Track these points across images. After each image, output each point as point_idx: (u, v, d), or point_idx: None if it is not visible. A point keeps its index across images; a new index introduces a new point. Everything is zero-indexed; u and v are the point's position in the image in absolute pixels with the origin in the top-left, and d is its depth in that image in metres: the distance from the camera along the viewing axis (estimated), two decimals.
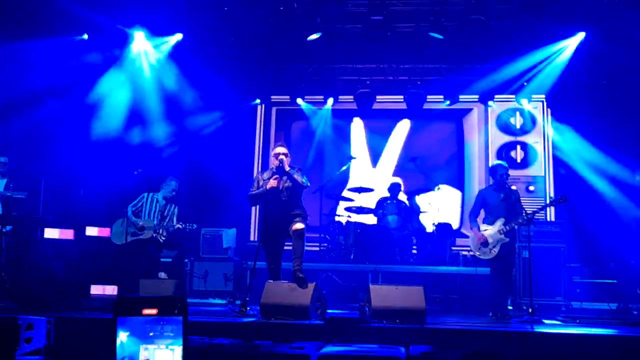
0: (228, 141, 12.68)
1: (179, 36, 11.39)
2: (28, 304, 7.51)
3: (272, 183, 7.48)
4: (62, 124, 11.04)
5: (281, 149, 7.73)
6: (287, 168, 7.59)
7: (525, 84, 12.21)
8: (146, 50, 11.58)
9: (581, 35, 10.88)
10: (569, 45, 11.16)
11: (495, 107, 12.86)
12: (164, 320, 4.66)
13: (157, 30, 11.21)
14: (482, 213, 8.64)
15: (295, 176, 7.56)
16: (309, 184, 7.71)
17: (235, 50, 11.83)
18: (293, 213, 7.51)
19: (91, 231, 10.43)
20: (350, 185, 11.87)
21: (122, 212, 9.41)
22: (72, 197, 11.03)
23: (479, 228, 8.43)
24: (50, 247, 9.54)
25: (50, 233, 9.58)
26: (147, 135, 11.88)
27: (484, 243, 8.30)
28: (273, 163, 7.74)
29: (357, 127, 13.54)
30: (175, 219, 9.45)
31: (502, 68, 11.76)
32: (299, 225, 7.39)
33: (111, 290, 9.64)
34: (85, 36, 10.99)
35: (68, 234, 9.89)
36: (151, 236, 9.19)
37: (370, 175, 13.11)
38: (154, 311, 4.65)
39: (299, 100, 13.24)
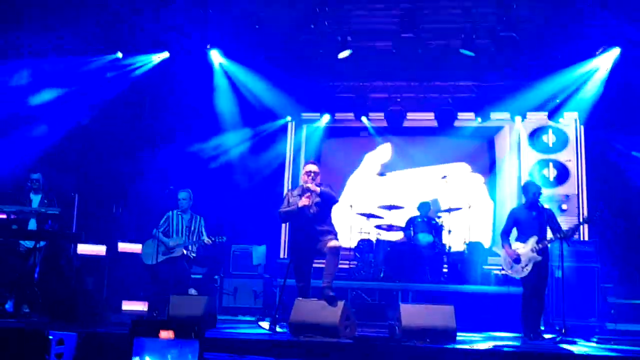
0: (259, 158, 12.74)
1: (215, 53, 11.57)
2: (60, 318, 7.60)
3: (304, 201, 7.46)
4: (102, 139, 11.25)
5: (312, 167, 7.71)
6: (318, 189, 7.54)
7: (557, 101, 12.08)
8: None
9: (615, 53, 10.74)
10: (603, 63, 11.02)
11: (527, 124, 12.75)
12: (181, 343, 4.64)
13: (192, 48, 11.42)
14: (515, 232, 8.54)
15: (325, 189, 7.52)
16: (337, 198, 7.69)
17: (266, 68, 11.92)
18: (322, 230, 7.47)
19: (123, 247, 10.52)
20: (380, 202, 11.83)
21: (154, 229, 9.49)
22: (105, 213, 11.16)
23: (510, 246, 8.33)
24: (83, 262, 9.64)
25: (83, 249, 9.68)
26: (181, 150, 12.01)
27: (516, 260, 8.19)
28: (303, 180, 7.71)
29: (388, 144, 13.51)
30: (203, 231, 9.50)
31: (534, 85, 11.67)
32: (335, 243, 7.35)
33: (142, 306, 9.69)
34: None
35: (100, 250, 9.98)
36: (182, 254, 9.24)
37: (401, 192, 13.04)
38: (170, 334, 4.64)
39: (328, 117, 13.26)
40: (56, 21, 10.07)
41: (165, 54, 11.58)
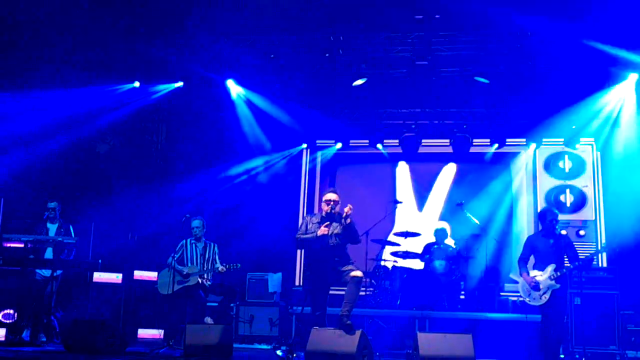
0: (273, 185, 12.77)
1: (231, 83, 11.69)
2: (76, 347, 7.60)
3: (324, 230, 7.42)
4: (119, 167, 11.35)
5: (332, 195, 7.64)
6: (349, 220, 7.39)
7: (573, 127, 12.05)
8: None
9: (632, 79, 10.72)
10: (619, 89, 11.00)
11: (543, 150, 12.71)
12: None
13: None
14: (532, 259, 8.47)
15: (354, 229, 7.48)
16: (360, 240, 7.70)
17: (282, 95, 12.01)
18: (340, 260, 7.44)
19: (139, 275, 10.54)
20: (396, 229, 11.78)
21: (170, 258, 9.50)
22: (121, 242, 11.21)
23: (528, 274, 8.26)
24: (99, 291, 9.66)
25: (99, 277, 9.71)
26: (196, 179, 12.06)
27: (535, 287, 8.11)
28: (324, 209, 7.66)
29: (403, 171, 13.49)
30: (217, 258, 9.50)
31: (550, 111, 11.64)
32: (358, 273, 7.33)
33: (157, 334, 9.67)
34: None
35: (116, 278, 10.00)
36: (197, 282, 9.23)
37: (417, 219, 13.00)
38: None
39: (343, 144, 13.31)
40: (74, 52, 10.23)
41: (180, 84, 11.70)
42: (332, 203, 7.54)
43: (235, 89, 12.00)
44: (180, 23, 10.17)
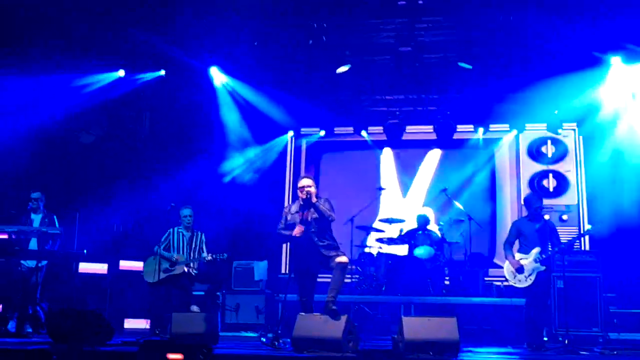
0: (259, 173, 12.78)
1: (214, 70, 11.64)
2: (63, 338, 7.59)
3: (297, 231, 7.40)
4: (103, 157, 11.29)
5: (306, 181, 7.58)
6: (315, 200, 7.51)
7: (556, 112, 12.13)
8: None
9: (615, 63, 10.78)
10: (602, 74, 11.07)
11: (526, 135, 12.80)
12: None
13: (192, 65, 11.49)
14: (517, 244, 8.56)
15: (322, 208, 7.48)
16: (334, 217, 7.51)
17: (265, 83, 11.98)
18: (323, 244, 7.45)
19: (125, 265, 10.52)
20: (380, 216, 11.84)
21: (155, 246, 9.49)
22: (107, 232, 11.18)
23: (514, 257, 8.34)
24: (85, 281, 9.64)
25: (85, 267, 9.68)
26: (181, 167, 12.02)
27: (520, 270, 8.20)
28: (299, 196, 7.67)
29: (387, 157, 13.54)
30: (204, 247, 9.49)
31: (533, 96, 11.70)
32: (343, 259, 7.33)
33: (144, 324, 9.68)
34: None
35: (102, 268, 9.98)
36: (183, 271, 9.23)
37: (401, 205, 13.06)
38: (179, 356, 4.62)
39: (325, 132, 13.32)
40: (55, 37, 10.13)
41: (162, 72, 11.63)
42: (306, 189, 7.51)
43: (218, 77, 11.95)
44: (162, 9, 10.07)
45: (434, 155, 13.34)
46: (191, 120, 12.28)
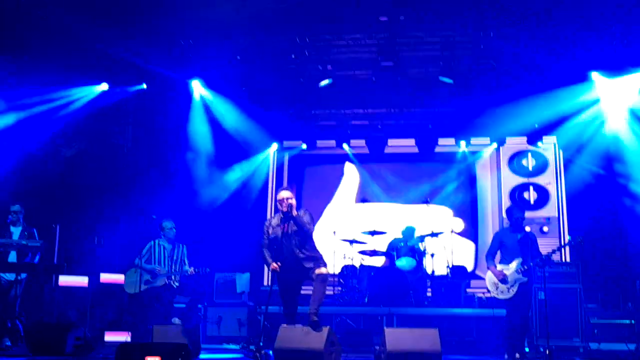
0: (241, 185, 12.77)
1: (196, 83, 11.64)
2: (42, 351, 7.52)
3: (272, 267, 7.39)
4: (84, 169, 11.23)
5: (285, 193, 7.56)
6: (295, 212, 7.53)
7: (536, 125, 12.26)
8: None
9: (595, 77, 10.91)
10: (582, 88, 11.20)
11: (507, 148, 12.92)
12: None
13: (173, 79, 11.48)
14: (498, 255, 8.60)
15: (300, 220, 7.47)
16: (312, 228, 7.49)
17: (248, 97, 12.00)
18: (305, 256, 7.44)
19: (106, 278, 10.44)
20: (363, 228, 11.86)
21: (136, 258, 9.44)
22: (87, 245, 11.10)
23: (496, 267, 8.38)
24: (65, 294, 9.56)
25: (65, 280, 9.60)
26: (163, 180, 11.98)
27: (502, 281, 8.23)
28: (279, 208, 7.66)
29: (369, 170, 13.59)
30: (186, 260, 9.46)
31: (513, 110, 11.82)
32: (323, 270, 7.32)
33: (125, 337, 9.60)
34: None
35: (82, 281, 9.90)
36: (165, 283, 9.19)
37: (383, 218, 13.09)
38: (157, 359, 4.60)
39: (310, 145, 13.36)
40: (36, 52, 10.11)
41: (144, 86, 11.61)
42: (286, 201, 7.52)
43: (200, 91, 11.96)
44: (145, 23, 10.08)
45: (416, 168, 13.40)
46: (173, 134, 12.24)
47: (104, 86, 11.38)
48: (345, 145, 13.33)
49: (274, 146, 13.60)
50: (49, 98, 10.80)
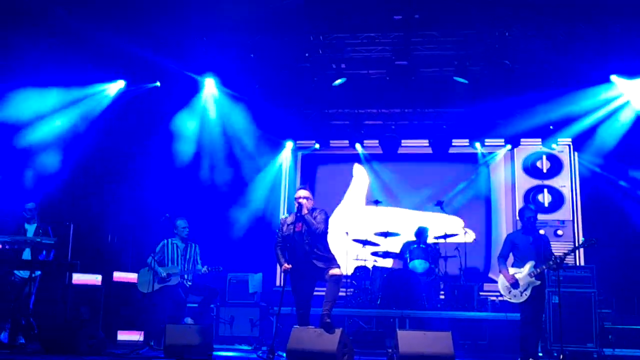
0: (254, 185, 12.76)
1: (210, 81, 11.62)
2: (56, 349, 7.55)
3: (284, 268, 7.44)
4: (96, 168, 11.25)
5: (301, 193, 7.61)
6: (305, 211, 7.50)
7: (551, 127, 12.18)
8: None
9: (613, 78, 10.82)
10: (599, 90, 11.11)
11: (522, 150, 12.85)
12: None
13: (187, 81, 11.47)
14: (511, 257, 8.54)
15: (309, 219, 7.47)
16: (321, 227, 7.45)
17: (262, 96, 11.98)
18: (317, 256, 7.42)
19: (119, 276, 10.47)
20: (376, 229, 11.83)
21: (149, 257, 9.45)
22: (101, 243, 11.13)
23: (508, 271, 8.32)
24: (79, 292, 9.58)
25: (79, 278, 9.63)
26: (176, 179, 11.97)
27: (514, 285, 8.16)
28: (295, 206, 7.67)
29: (383, 171, 13.55)
30: (199, 259, 9.47)
31: (528, 111, 11.75)
32: (337, 271, 7.32)
33: (138, 336, 9.62)
34: None
35: (96, 280, 9.93)
36: (178, 282, 9.20)
37: (397, 219, 13.05)
38: None
39: (323, 145, 13.34)
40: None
41: (157, 83, 11.61)
42: (300, 200, 7.52)
43: (213, 89, 11.93)
44: (156, 21, 10.07)
45: (430, 169, 13.35)
46: (185, 131, 12.21)
47: (121, 83, 11.36)
48: (357, 145, 13.29)
49: (288, 145, 13.58)
50: (61, 94, 10.82)
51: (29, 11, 9.44)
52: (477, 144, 12.95)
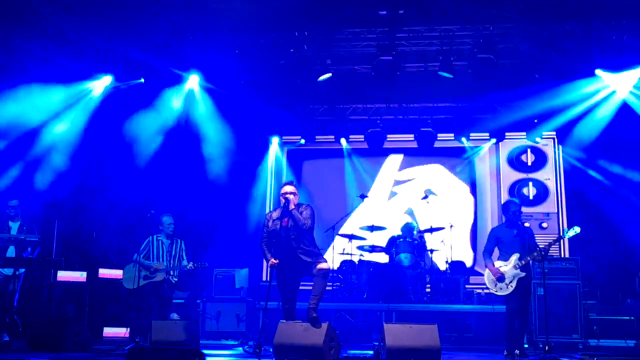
0: (240, 180, 12.73)
1: (194, 78, 11.57)
2: (41, 346, 7.51)
3: (272, 263, 7.42)
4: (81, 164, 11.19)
5: (287, 188, 7.64)
6: (292, 206, 7.53)
7: (535, 121, 12.24)
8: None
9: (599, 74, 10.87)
10: (582, 84, 11.15)
11: (506, 144, 12.91)
12: None
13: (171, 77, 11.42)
14: (496, 251, 8.58)
15: (296, 215, 7.48)
16: (308, 222, 7.45)
17: (247, 92, 11.94)
18: (303, 251, 7.43)
19: (104, 273, 10.43)
20: (362, 223, 11.85)
21: (135, 254, 9.41)
22: (85, 240, 11.07)
23: (493, 264, 8.36)
24: (63, 289, 9.54)
25: (63, 275, 9.58)
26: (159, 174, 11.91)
27: (500, 278, 8.21)
28: (281, 202, 7.68)
29: (368, 166, 13.57)
30: (184, 255, 9.44)
31: (513, 106, 11.80)
32: (324, 265, 7.34)
33: (123, 332, 9.59)
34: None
35: (81, 276, 9.88)
36: (163, 278, 9.17)
37: (383, 213, 13.08)
38: None
39: (309, 140, 13.34)
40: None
41: (141, 80, 11.54)
42: (287, 195, 7.54)
43: (198, 85, 11.88)
44: (140, 17, 10.01)
45: (416, 164, 13.39)
46: (172, 127, 12.16)
47: (108, 79, 11.28)
48: (342, 140, 13.29)
49: (274, 140, 13.57)
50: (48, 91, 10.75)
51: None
52: (463, 138, 12.98)
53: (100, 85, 11.31)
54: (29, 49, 9.98)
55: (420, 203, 12.24)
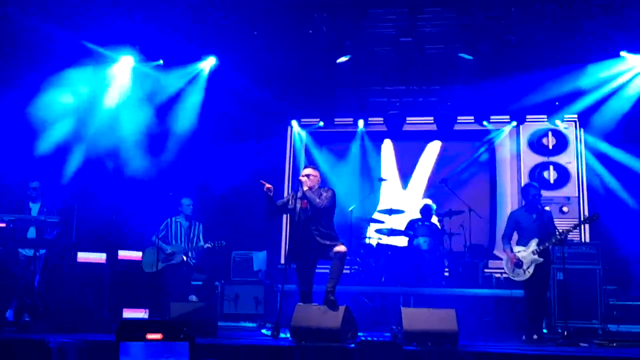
0: (258, 164, 12.72)
1: (212, 60, 11.51)
2: (61, 327, 7.59)
3: (267, 187, 7.58)
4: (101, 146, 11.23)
5: (307, 170, 7.70)
6: (305, 188, 7.51)
7: (557, 103, 12.09)
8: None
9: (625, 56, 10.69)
10: (605, 66, 10.99)
11: (527, 127, 12.77)
12: (170, 346, 4.55)
13: (188, 56, 11.35)
14: (515, 235, 8.51)
15: (312, 196, 7.47)
16: (323, 203, 7.46)
17: (266, 74, 11.90)
18: (320, 233, 7.43)
19: (124, 255, 10.48)
20: (380, 207, 11.80)
21: (153, 236, 9.45)
22: (105, 221, 11.12)
23: (512, 250, 8.31)
24: (83, 270, 9.61)
25: (83, 257, 9.65)
26: (177, 158, 11.91)
27: (518, 264, 8.17)
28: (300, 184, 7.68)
29: (387, 148, 13.50)
30: (201, 237, 9.48)
31: (534, 88, 11.65)
32: (341, 248, 7.34)
33: (142, 313, 9.66)
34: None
35: (101, 258, 9.94)
36: (182, 260, 9.22)
37: (401, 197, 13.03)
38: (158, 336, 4.54)
39: (328, 122, 13.28)
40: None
41: (160, 62, 11.52)
42: (301, 177, 7.58)
43: (216, 68, 11.84)
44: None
45: (435, 146, 13.30)
46: (190, 109, 12.14)
47: (129, 59, 11.24)
48: (361, 122, 13.22)
49: (292, 123, 13.53)
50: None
51: None
52: (484, 122, 12.84)
53: (124, 66, 11.27)
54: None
55: (439, 186, 12.14)
